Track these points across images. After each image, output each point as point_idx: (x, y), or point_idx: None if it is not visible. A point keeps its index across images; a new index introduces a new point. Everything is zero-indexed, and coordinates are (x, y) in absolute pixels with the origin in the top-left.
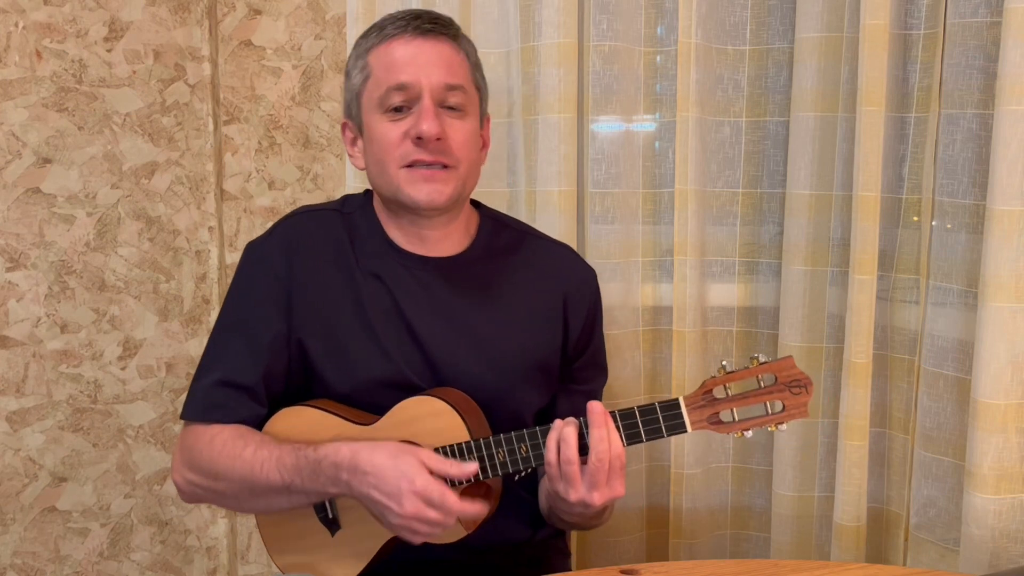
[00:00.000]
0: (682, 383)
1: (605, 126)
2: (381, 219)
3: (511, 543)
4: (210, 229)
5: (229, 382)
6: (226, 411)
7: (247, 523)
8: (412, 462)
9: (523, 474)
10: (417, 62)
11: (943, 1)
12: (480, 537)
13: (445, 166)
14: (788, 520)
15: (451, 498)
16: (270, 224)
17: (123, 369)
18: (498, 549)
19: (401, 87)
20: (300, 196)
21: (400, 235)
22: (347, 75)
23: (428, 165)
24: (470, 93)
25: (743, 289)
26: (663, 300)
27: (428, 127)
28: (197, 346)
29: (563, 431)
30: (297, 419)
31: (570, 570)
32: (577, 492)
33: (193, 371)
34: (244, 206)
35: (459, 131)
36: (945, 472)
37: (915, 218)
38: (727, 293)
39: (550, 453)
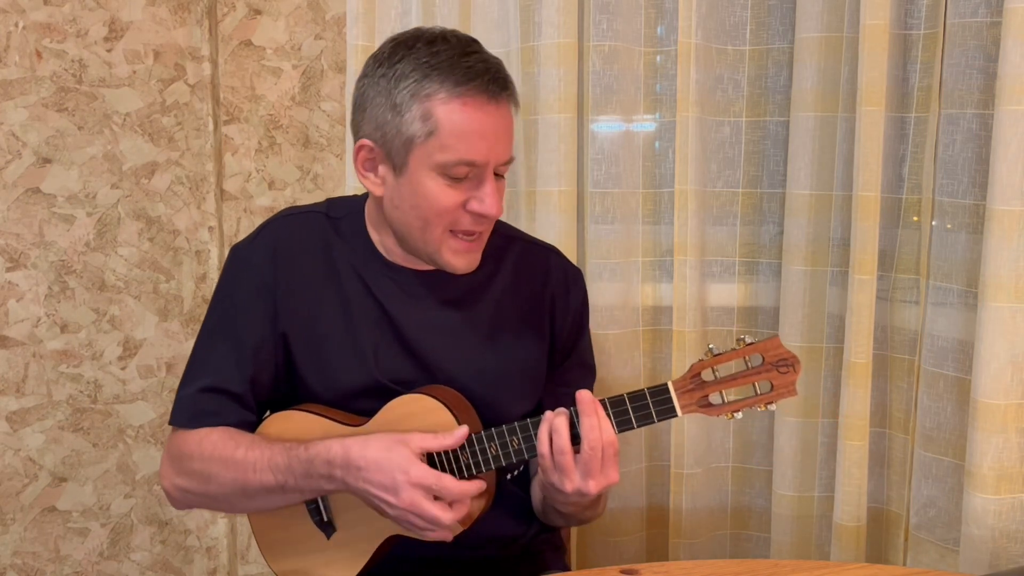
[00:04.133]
0: None
1: (605, 126)
2: (371, 232)
3: (505, 538)
4: (210, 229)
5: (217, 388)
6: (216, 418)
7: (247, 523)
8: (405, 453)
9: (516, 472)
10: (491, 136)
11: (943, 1)
12: (474, 533)
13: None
14: (788, 520)
15: (448, 481)
16: None
17: (123, 369)
18: (491, 544)
19: (472, 163)
20: (300, 196)
21: (387, 251)
22: (395, 108)
23: (474, 235)
24: None
25: (743, 289)
26: (663, 300)
27: (494, 209)
28: None
29: (554, 422)
30: (287, 423)
31: (564, 564)
32: (572, 482)
33: None
34: (244, 206)
35: (502, 195)
36: (945, 472)
37: (915, 218)
38: (727, 293)
39: (542, 445)
